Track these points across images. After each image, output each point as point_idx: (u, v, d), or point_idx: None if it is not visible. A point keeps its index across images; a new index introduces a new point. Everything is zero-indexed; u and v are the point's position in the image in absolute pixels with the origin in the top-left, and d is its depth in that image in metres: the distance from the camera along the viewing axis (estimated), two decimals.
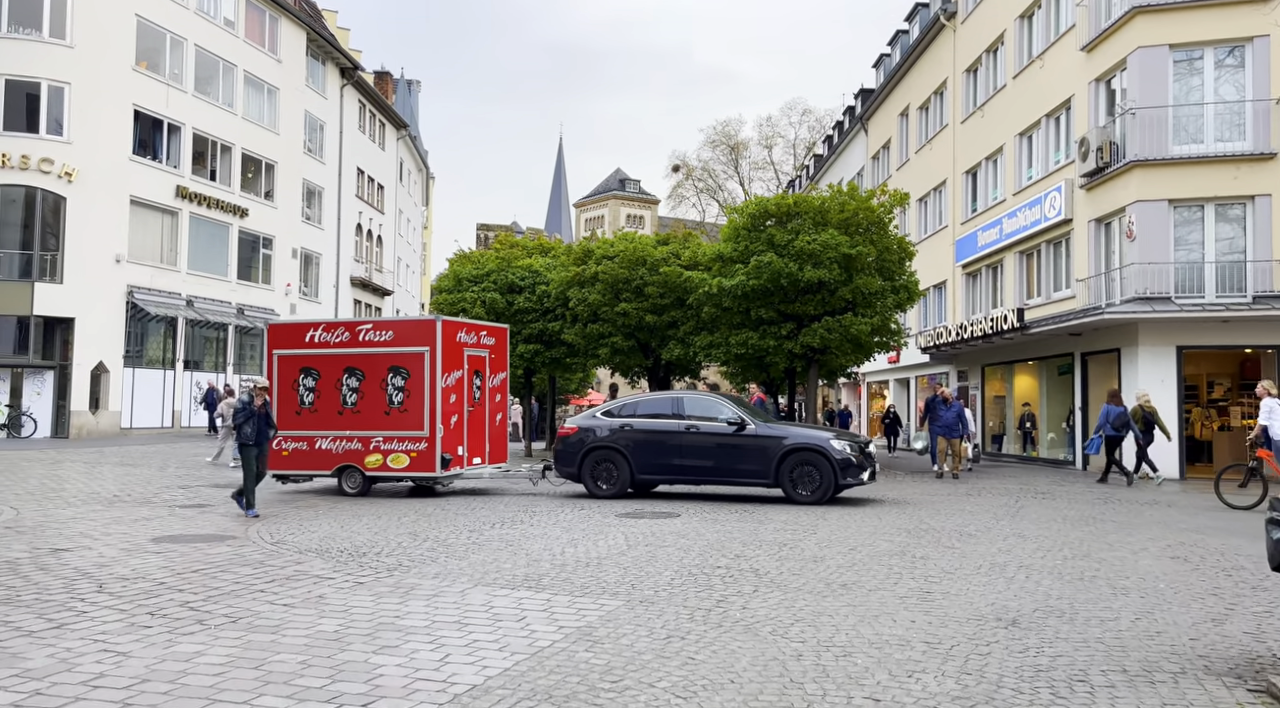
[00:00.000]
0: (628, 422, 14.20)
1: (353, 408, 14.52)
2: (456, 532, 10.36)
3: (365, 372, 14.46)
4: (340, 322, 14.91)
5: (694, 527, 10.92)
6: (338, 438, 14.58)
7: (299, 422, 14.80)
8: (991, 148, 27.32)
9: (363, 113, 47.33)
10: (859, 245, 19.80)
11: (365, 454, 14.39)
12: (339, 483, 14.62)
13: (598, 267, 21.85)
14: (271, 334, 15.42)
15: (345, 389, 14.57)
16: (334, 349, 14.72)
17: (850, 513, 12.35)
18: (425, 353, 14.23)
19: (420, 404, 14.19)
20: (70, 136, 28.22)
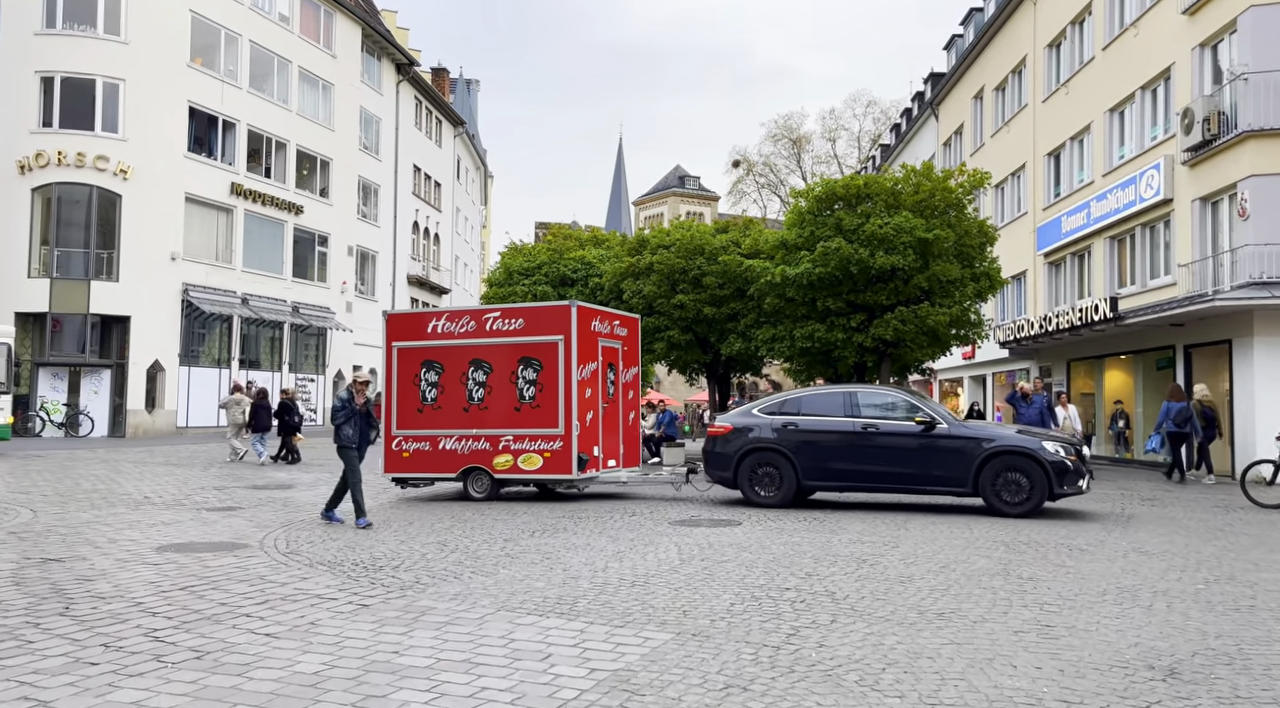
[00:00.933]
0: (792, 419, 12.44)
1: (479, 404, 13.25)
2: (490, 541, 9.27)
3: (493, 364, 13.19)
4: (465, 310, 13.78)
5: (757, 537, 9.66)
6: (463, 437, 13.34)
7: (421, 420, 13.59)
8: (1077, 127, 25.39)
9: (419, 109, 46.97)
10: (936, 229, 18.28)
11: (494, 455, 13.16)
12: (464, 487, 13.41)
13: (653, 257, 20.69)
14: (390, 325, 14.17)
15: (471, 384, 13.32)
16: (458, 340, 13.43)
17: (935, 523, 10.94)
18: (559, 342, 12.91)
19: (554, 399, 12.88)
20: (125, 134, 28.11)
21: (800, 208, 19.51)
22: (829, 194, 18.99)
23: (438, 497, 13.76)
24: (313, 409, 35.96)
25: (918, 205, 18.78)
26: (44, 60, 27.53)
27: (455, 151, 53.48)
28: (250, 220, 32.68)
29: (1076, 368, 25.92)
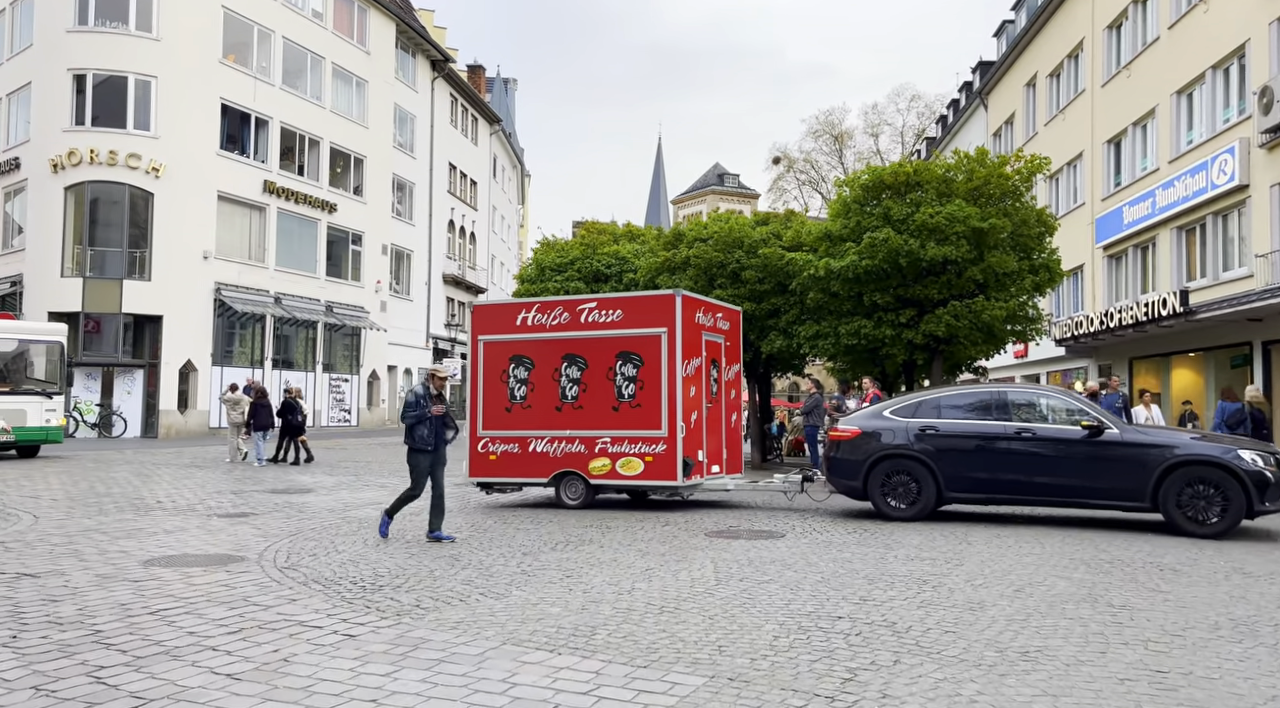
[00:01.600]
0: (931, 423, 11.10)
1: (574, 403, 12.26)
2: (507, 555, 8.44)
3: (589, 359, 12.19)
4: (558, 300, 12.77)
5: (802, 552, 8.71)
6: (556, 439, 12.36)
7: (509, 420, 12.64)
8: (1140, 111, 23.98)
9: (454, 107, 46.53)
10: (991, 217, 17.10)
11: (589, 458, 12.15)
12: (556, 492, 12.48)
13: (689, 250, 19.74)
14: (477, 317, 13.14)
15: (565, 380, 12.33)
16: (551, 333, 12.47)
17: (1001, 536, 9.89)
18: (662, 335, 11.86)
19: (656, 398, 11.84)
20: (157, 131, 27.87)
21: (845, 197, 18.43)
22: (876, 182, 17.89)
23: (479, 503, 12.99)
24: (346, 410, 35.58)
25: (971, 193, 17.61)
26: (76, 58, 27.39)
27: (491, 149, 53.02)
28: (283, 219, 32.35)
29: (1140, 366, 24.49)
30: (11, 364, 19.73)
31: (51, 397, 19.76)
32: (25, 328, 20.62)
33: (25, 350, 19.88)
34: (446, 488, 9.97)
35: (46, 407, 19.55)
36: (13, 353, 19.72)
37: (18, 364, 19.85)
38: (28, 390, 19.50)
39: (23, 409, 19.14)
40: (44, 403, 19.56)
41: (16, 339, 19.81)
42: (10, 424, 18.88)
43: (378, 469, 18.57)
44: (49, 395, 19.73)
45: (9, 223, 29.60)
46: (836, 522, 11.07)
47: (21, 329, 20.39)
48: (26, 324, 21.34)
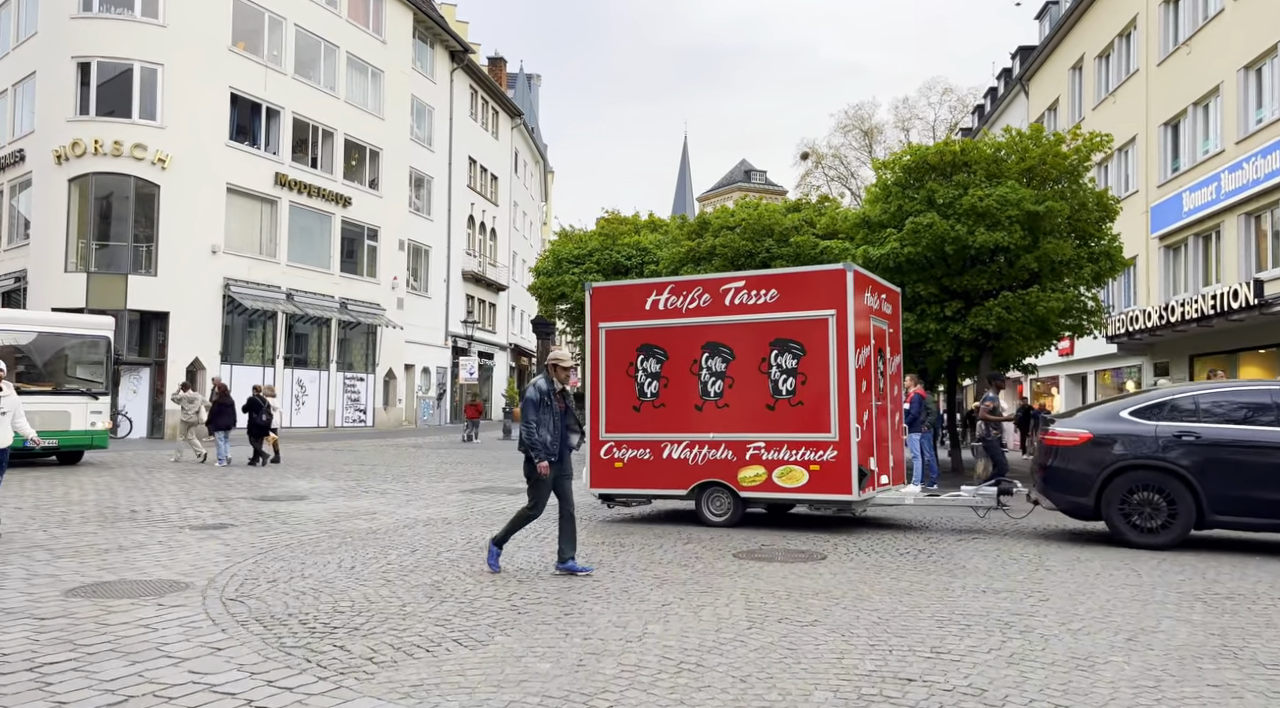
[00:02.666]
0: (1188, 428, 9.07)
1: (717, 401, 10.42)
2: (499, 584, 7.13)
3: (736, 349, 10.36)
4: (696, 280, 10.86)
5: (850, 581, 7.32)
6: (696, 444, 10.49)
7: (638, 421, 10.78)
8: (1202, 90, 22.29)
9: (474, 99, 45.44)
10: (1047, 200, 15.61)
11: (738, 467, 10.27)
12: (697, 506, 10.58)
13: (715, 240, 18.40)
14: (596, 300, 11.23)
15: (706, 374, 10.50)
16: (688, 319, 10.64)
17: (1082, 559, 8.44)
18: (830, 319, 9.95)
19: (823, 394, 9.90)
20: (164, 121, 26.94)
21: (885, 180, 17.01)
22: (919, 163, 16.45)
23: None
24: (362, 410, 34.56)
25: (1024, 174, 16.15)
26: (80, 45, 26.52)
27: (513, 144, 51.91)
28: (295, 212, 31.35)
29: (1202, 364, 22.77)
30: (53, 361, 17.81)
31: (97, 397, 17.78)
32: (68, 321, 18.58)
33: (68, 346, 17.92)
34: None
35: (91, 408, 17.56)
36: (55, 349, 17.76)
37: (60, 361, 17.92)
38: (71, 390, 17.57)
39: (66, 411, 17.13)
40: (89, 404, 17.57)
41: (59, 333, 17.86)
42: (52, 427, 16.44)
43: (383, 474, 17.38)
44: (94, 396, 17.77)
45: (15, 217, 28.82)
46: (883, 539, 9.66)
47: (64, 322, 18.38)
48: (70, 317, 19.17)
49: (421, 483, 15.72)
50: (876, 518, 11.38)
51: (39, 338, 17.45)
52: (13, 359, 16.98)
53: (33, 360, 17.48)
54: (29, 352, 17.40)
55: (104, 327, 18.55)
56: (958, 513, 11.75)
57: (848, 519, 11.16)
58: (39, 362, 17.62)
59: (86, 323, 18.63)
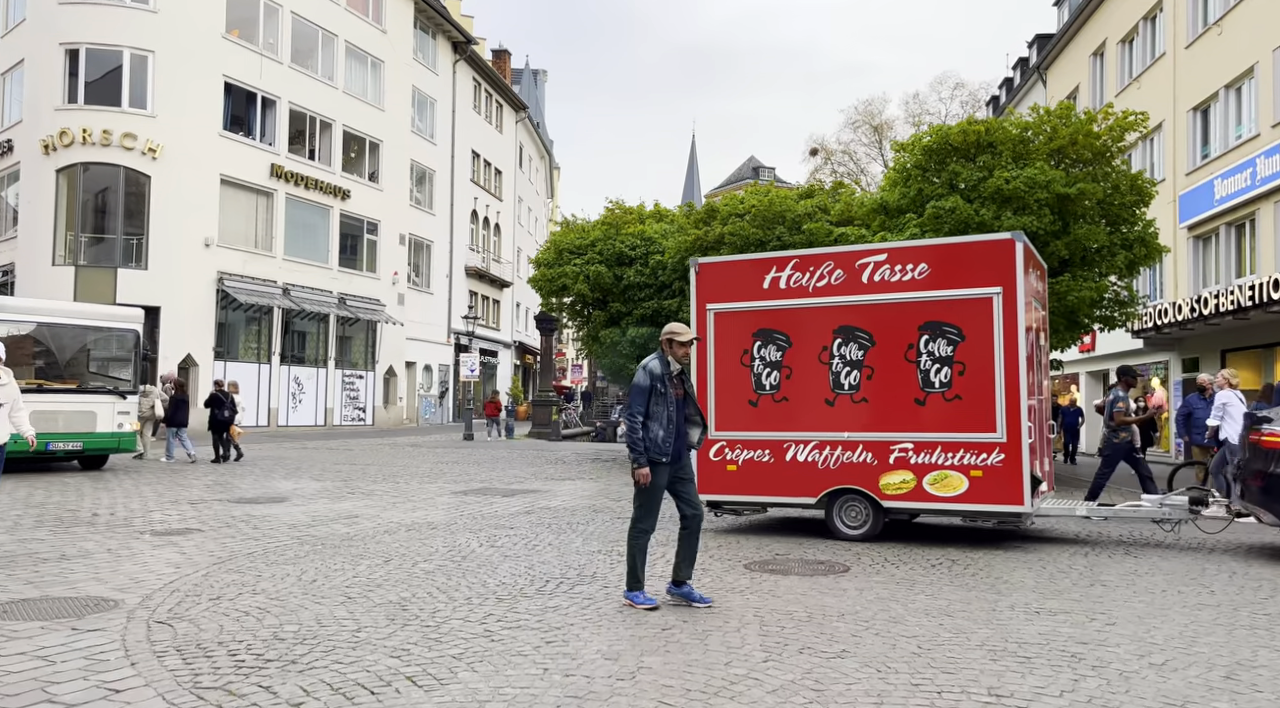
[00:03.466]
0: None
1: (854, 394, 9.00)
2: (474, 601, 6.20)
3: (876, 334, 8.94)
4: (827, 253, 9.44)
5: (879, 598, 6.37)
6: (826, 444, 9.10)
7: (756, 417, 9.38)
8: (1235, 72, 21.25)
9: (477, 91, 44.57)
10: (1079, 182, 14.61)
11: (879, 471, 8.88)
12: (828, 517, 9.20)
13: (724, 227, 17.44)
14: (704, 279, 9.81)
15: (839, 363, 9.08)
16: (817, 299, 9.21)
17: (1136, 569, 7.47)
18: (995, 298, 8.45)
19: (987, 387, 8.46)
20: (154, 110, 26.12)
21: (904, 163, 16.02)
22: (941, 144, 15.45)
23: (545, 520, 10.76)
24: (361, 408, 33.72)
25: (1053, 154, 15.15)
26: (68, 31, 25.72)
27: (518, 138, 51.04)
28: (292, 205, 30.51)
29: (1234, 360, 21.71)
30: (78, 357, 16.16)
31: (125, 396, 16.06)
32: (95, 313, 16.76)
33: (94, 340, 16.28)
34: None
35: (119, 408, 15.87)
36: (79, 343, 16.04)
37: (85, 357, 16.31)
38: (98, 388, 15.86)
39: (92, 411, 15.50)
40: (116, 404, 15.86)
41: (84, 326, 16.05)
42: (77, 429, 15.15)
43: (373, 474, 16.49)
44: (122, 395, 16.01)
45: (3, 210, 28.06)
46: (910, 548, 8.69)
47: (90, 314, 16.58)
48: (96, 308, 17.28)
49: (412, 484, 14.84)
50: (896, 523, 10.41)
51: (62, 330, 15.70)
52: (30, 353, 15.42)
53: (55, 355, 15.77)
54: (50, 345, 15.67)
55: (133, 319, 16.79)
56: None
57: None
58: (62, 357, 15.90)
59: (114, 315, 16.79)
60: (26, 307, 16.17)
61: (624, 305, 19.61)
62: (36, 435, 9.43)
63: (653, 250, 19.52)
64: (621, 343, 19.96)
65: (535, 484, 15.27)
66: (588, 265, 19.51)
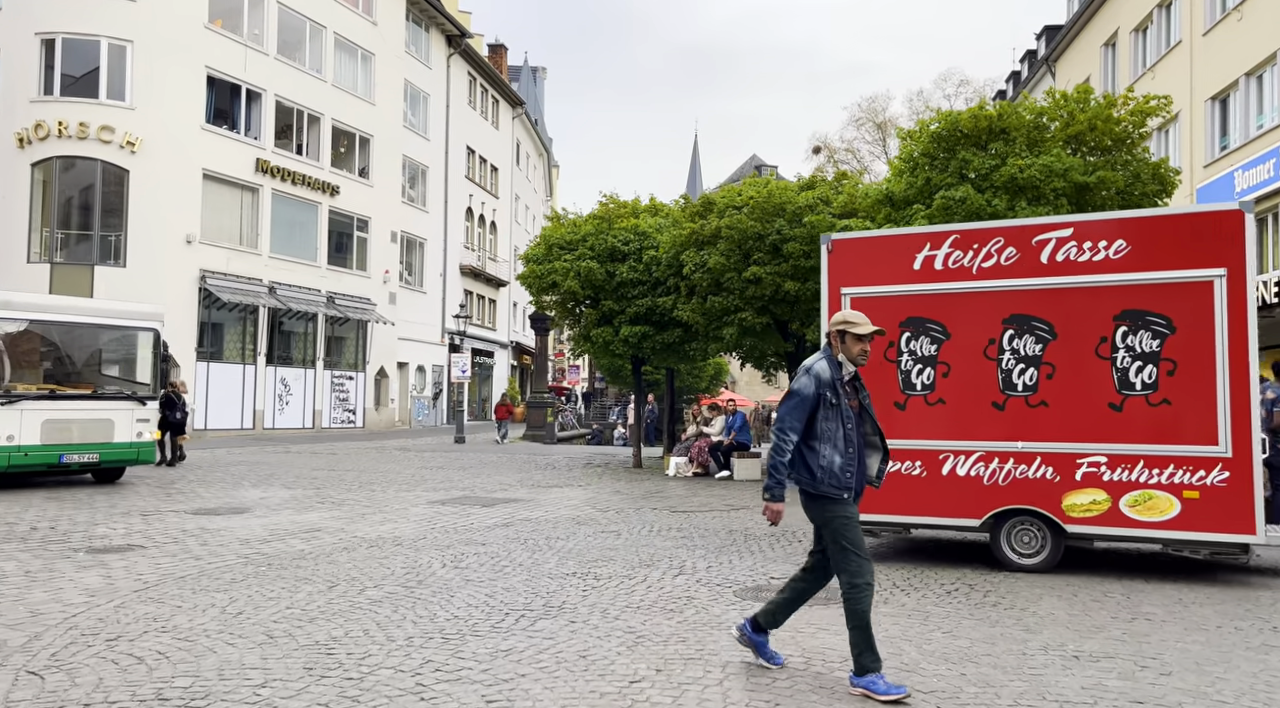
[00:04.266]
0: None
1: (1028, 396, 7.62)
2: (416, 639, 5.31)
3: (1059, 324, 7.55)
4: (996, 228, 8.02)
5: (888, 635, 5.47)
6: (995, 456, 7.72)
7: (904, 422, 8.05)
8: (1256, 58, 20.34)
9: (473, 86, 43.69)
10: (1098, 170, 13.70)
11: (1063, 489, 7.49)
12: (993, 543, 7.83)
13: (720, 221, 16.53)
14: (839, 258, 8.41)
15: (1010, 359, 7.70)
16: (982, 282, 7.83)
17: (1182, 599, 6.57)
18: (1218, 283, 7.11)
19: (1206, 390, 7.13)
20: (133, 102, 25.25)
21: (911, 151, 15.11)
22: (950, 131, 14.52)
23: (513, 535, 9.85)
24: (351, 410, 32.85)
25: (1070, 141, 14.23)
26: (44, 20, 24.86)
27: (514, 134, 50.15)
28: (279, 201, 29.63)
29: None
30: (93, 359, 14.54)
31: (145, 402, 14.30)
32: (111, 310, 14.79)
33: (111, 340, 14.56)
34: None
35: (138, 415, 14.14)
36: (94, 344, 14.38)
37: (100, 359, 14.69)
38: (115, 394, 14.19)
39: (109, 419, 13.81)
40: (135, 411, 14.11)
41: (99, 324, 14.20)
42: (93, 439, 13.55)
43: (350, 481, 15.61)
44: (141, 401, 14.25)
45: None
46: (920, 570, 7.79)
47: (106, 311, 14.67)
48: (112, 305, 15.31)
49: (389, 492, 13.96)
50: (898, 541, 9.50)
51: (75, 330, 14.00)
52: (40, 355, 13.84)
53: (68, 357, 14.22)
54: (62, 346, 14.12)
55: (153, 317, 14.84)
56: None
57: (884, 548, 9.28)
58: (75, 359, 14.31)
59: (133, 313, 14.80)
60: (35, 303, 14.17)
61: (616, 303, 18.70)
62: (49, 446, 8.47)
63: (647, 245, 18.61)
64: (614, 342, 19.06)
65: (520, 492, 14.40)
66: (578, 261, 18.60)
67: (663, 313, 18.27)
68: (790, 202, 16.35)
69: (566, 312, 20.18)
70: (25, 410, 12.91)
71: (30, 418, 12.93)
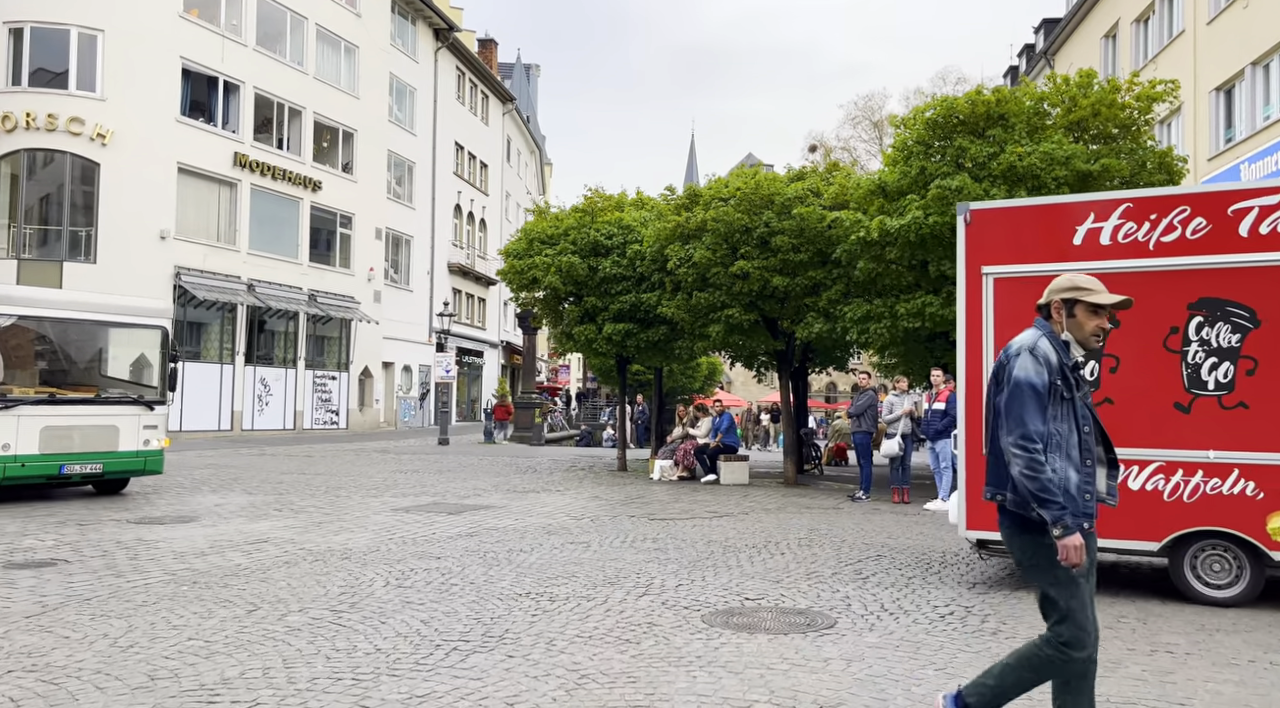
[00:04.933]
0: None
1: (1222, 396, 6.50)
2: (322, 686, 4.57)
3: (1262, 310, 6.38)
4: (1180, 195, 6.82)
5: (872, 672, 4.73)
6: (1178, 467, 6.56)
7: None
8: (1262, 47, 19.66)
9: (461, 81, 42.92)
10: (1103, 157, 12.98)
11: (1267, 508, 6.28)
12: (1173, 571, 6.70)
13: (706, 213, 15.78)
14: (978, 231, 7.25)
15: (1198, 352, 6.55)
16: (1161, 259, 6.66)
17: (1206, 627, 5.84)
18: None
19: None
20: (104, 93, 24.48)
21: (905, 139, 14.37)
22: (946, 117, 13.78)
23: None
24: (333, 411, 32.07)
25: (1073, 127, 13.52)
26: (12, 9, 24.09)
27: (505, 131, 49.39)
28: (258, 197, 28.87)
29: None
30: (95, 360, 13.38)
31: (152, 407, 12.97)
32: (114, 305, 13.21)
33: (115, 338, 13.44)
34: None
35: (145, 422, 12.86)
36: (96, 342, 13.23)
37: (103, 359, 13.51)
38: (120, 398, 12.90)
39: (113, 426, 12.52)
40: (141, 416, 12.82)
41: (102, 322, 12.87)
42: (96, 448, 12.27)
43: (316, 486, 14.85)
44: (149, 405, 12.92)
45: None
46: (912, 588, 7.04)
47: (107, 306, 13.09)
48: (114, 300, 13.54)
49: (354, 498, 13.20)
50: (888, 543, 8.76)
51: (76, 327, 12.73)
52: (37, 355, 12.59)
53: (66, 357, 13.00)
54: (61, 345, 12.88)
55: (159, 314, 13.63)
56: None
57: (854, 546, 8.54)
58: (76, 359, 13.10)
59: (138, 308, 13.43)
60: (31, 298, 12.73)
61: (600, 299, 17.95)
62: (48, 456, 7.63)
63: (631, 239, 17.87)
64: (598, 340, 18.32)
65: (494, 498, 13.65)
66: (560, 256, 17.85)
67: (647, 309, 17.53)
68: (779, 193, 15.61)
69: (549, 309, 19.43)
70: (22, 416, 11.63)
71: (28, 425, 11.67)
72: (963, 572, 7.81)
